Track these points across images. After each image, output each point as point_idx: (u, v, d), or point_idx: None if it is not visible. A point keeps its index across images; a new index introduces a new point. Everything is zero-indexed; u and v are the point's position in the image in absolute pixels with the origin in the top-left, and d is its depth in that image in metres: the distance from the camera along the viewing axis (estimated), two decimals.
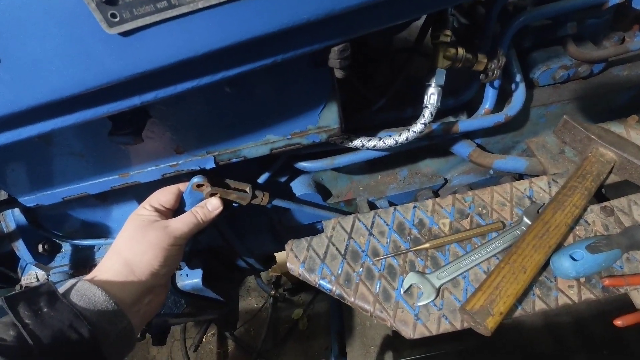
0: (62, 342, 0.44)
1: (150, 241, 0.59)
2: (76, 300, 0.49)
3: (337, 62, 0.45)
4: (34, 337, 0.43)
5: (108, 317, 0.51)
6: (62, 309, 0.46)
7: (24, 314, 0.44)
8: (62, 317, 0.46)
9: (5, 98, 0.37)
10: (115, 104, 0.42)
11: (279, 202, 0.75)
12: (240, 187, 0.69)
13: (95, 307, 0.50)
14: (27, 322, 0.44)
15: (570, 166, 0.79)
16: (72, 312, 0.46)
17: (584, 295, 0.64)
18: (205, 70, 0.40)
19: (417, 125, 0.65)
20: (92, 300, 0.50)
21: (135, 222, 0.62)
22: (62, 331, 0.44)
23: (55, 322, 0.45)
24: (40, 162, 0.62)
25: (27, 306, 0.45)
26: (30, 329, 0.43)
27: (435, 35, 0.64)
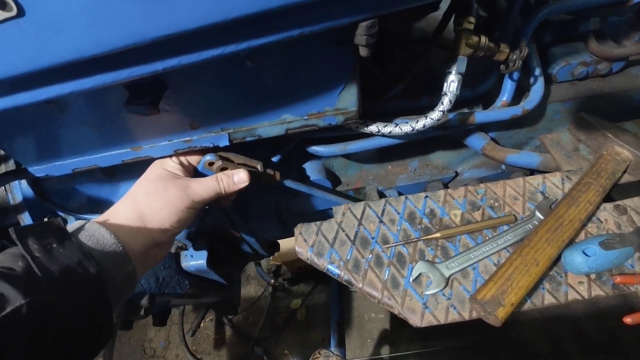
0: (70, 278, 0.44)
1: (169, 199, 0.58)
2: (84, 240, 0.49)
3: (363, 38, 0.44)
4: (42, 270, 0.42)
5: (115, 259, 0.50)
6: (70, 247, 0.46)
7: (33, 247, 0.44)
8: (71, 254, 0.45)
9: (27, 54, 0.36)
10: (137, 69, 0.41)
11: (290, 183, 0.75)
12: (251, 164, 0.68)
13: (103, 248, 0.50)
14: (37, 255, 0.43)
15: (584, 164, 0.79)
16: (80, 251, 0.46)
17: (593, 291, 0.63)
18: (231, 37, 0.39)
19: (435, 113, 0.64)
20: (100, 242, 0.50)
21: (159, 172, 0.61)
22: (71, 268, 0.44)
23: (63, 258, 0.44)
24: (53, 131, 0.62)
25: (37, 240, 0.45)
26: (40, 262, 0.43)
27: (459, 21, 0.63)
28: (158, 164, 0.64)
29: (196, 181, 0.62)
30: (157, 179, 0.61)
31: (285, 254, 1.80)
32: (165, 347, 2.05)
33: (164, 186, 0.60)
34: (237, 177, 0.65)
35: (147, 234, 0.57)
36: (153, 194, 0.59)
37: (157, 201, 0.58)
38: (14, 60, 0.37)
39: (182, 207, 0.59)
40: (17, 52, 0.37)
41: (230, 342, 2.02)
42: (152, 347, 2.05)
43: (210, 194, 0.62)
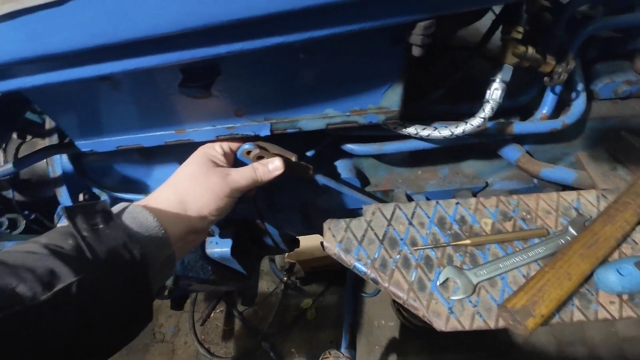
0: (116, 260, 0.44)
1: (210, 187, 0.59)
2: (128, 222, 0.50)
3: (419, 38, 0.45)
4: (91, 250, 0.43)
5: (157, 243, 0.51)
6: (116, 228, 0.46)
7: (81, 227, 0.44)
8: (117, 235, 0.46)
9: (103, 27, 0.38)
10: (202, 50, 0.42)
11: (321, 178, 0.76)
12: (286, 155, 0.69)
13: (146, 231, 0.50)
14: (85, 234, 0.44)
15: (621, 184, 0.77)
16: (125, 233, 0.47)
17: (625, 312, 0.62)
18: (295, 27, 0.41)
19: (476, 119, 0.64)
20: (143, 225, 0.50)
21: (201, 160, 0.62)
22: (117, 249, 0.45)
23: (110, 239, 0.45)
24: (104, 108, 0.64)
25: (85, 219, 0.45)
26: (88, 242, 0.43)
27: (507, 30, 0.63)
28: (202, 151, 0.65)
29: (234, 170, 0.64)
30: (199, 166, 0.62)
31: (300, 253, 1.81)
32: (175, 334, 2.07)
33: (205, 173, 0.61)
34: (272, 165, 0.67)
35: (186, 220, 0.57)
36: (194, 181, 0.60)
37: (199, 188, 0.59)
38: (91, 32, 0.39)
39: (222, 194, 0.60)
40: (95, 25, 0.39)
41: (239, 334, 2.04)
42: (162, 332, 2.08)
43: (248, 182, 0.63)
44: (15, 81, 0.47)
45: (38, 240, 0.44)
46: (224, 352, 1.98)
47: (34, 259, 0.41)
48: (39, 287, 0.38)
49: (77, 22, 0.39)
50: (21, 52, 0.41)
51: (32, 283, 0.38)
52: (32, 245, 0.43)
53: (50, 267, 0.40)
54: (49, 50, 0.40)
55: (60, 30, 0.39)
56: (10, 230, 1.06)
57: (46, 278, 0.39)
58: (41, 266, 0.40)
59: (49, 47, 0.40)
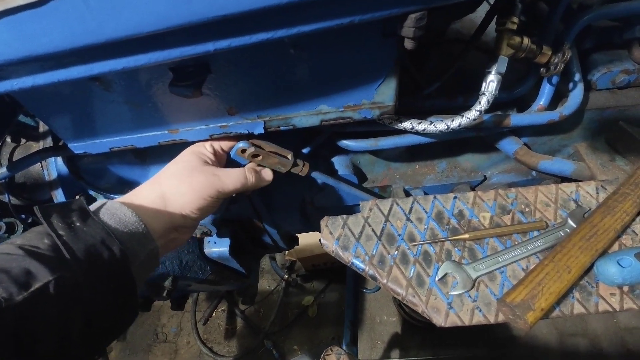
0: (95, 257, 0.43)
1: (193, 185, 0.58)
2: (107, 218, 0.49)
3: (411, 30, 0.44)
4: (68, 248, 0.42)
5: (137, 238, 0.50)
6: (94, 225, 0.46)
7: (57, 225, 0.43)
8: (95, 232, 0.45)
9: (87, 27, 0.38)
10: (189, 48, 0.42)
11: (317, 175, 0.75)
12: (282, 153, 0.69)
13: (126, 227, 0.49)
14: (61, 233, 0.43)
15: (620, 174, 0.77)
16: (103, 229, 0.46)
17: (625, 304, 0.62)
18: (283, 22, 0.40)
19: (471, 112, 0.64)
20: (122, 220, 0.49)
21: (188, 158, 0.61)
22: (95, 246, 0.44)
23: (87, 236, 0.44)
24: (95, 109, 0.63)
25: (61, 218, 0.44)
26: (64, 240, 0.42)
27: (502, 21, 0.62)
28: (191, 149, 0.64)
29: (224, 171, 0.62)
30: (185, 164, 0.61)
31: (301, 250, 1.80)
32: (177, 333, 2.08)
33: (189, 171, 0.60)
34: (265, 174, 0.67)
35: (167, 217, 0.57)
36: (178, 178, 0.59)
37: (181, 185, 0.58)
38: (75, 32, 0.39)
39: (205, 195, 0.59)
40: (80, 25, 0.38)
41: (241, 333, 2.04)
42: (164, 332, 2.08)
43: (236, 187, 0.62)
44: (2, 84, 0.46)
45: (13, 241, 0.43)
46: (226, 351, 1.98)
47: (8, 259, 0.40)
48: (14, 287, 0.38)
49: (61, 22, 0.38)
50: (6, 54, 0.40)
51: (7, 284, 0.38)
52: (6, 247, 0.42)
53: (25, 268, 0.39)
54: (34, 51, 0.40)
55: (44, 31, 0.39)
56: (9, 235, 1.05)
57: (22, 278, 0.39)
58: (16, 267, 0.39)
59: (34, 49, 0.39)
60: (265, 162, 0.68)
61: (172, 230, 0.58)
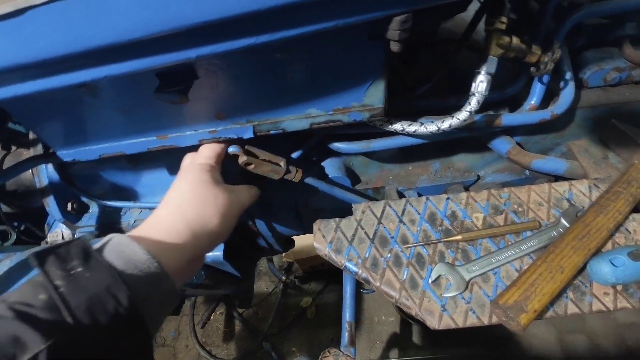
0: (98, 311, 0.38)
1: (219, 205, 0.54)
2: (113, 258, 0.42)
3: (396, 33, 0.44)
4: (65, 303, 0.36)
5: (150, 279, 0.44)
6: (97, 269, 0.40)
7: (55, 275, 0.38)
8: (98, 278, 0.39)
9: (73, 35, 0.37)
10: (172, 55, 0.41)
11: (311, 181, 0.74)
12: (274, 160, 0.68)
13: (135, 267, 0.43)
14: (59, 284, 0.37)
15: (613, 172, 0.76)
16: (109, 273, 0.40)
17: (619, 303, 0.61)
18: (266, 27, 0.40)
19: (462, 113, 0.63)
20: (131, 260, 0.43)
21: (201, 173, 0.56)
22: (99, 297, 0.38)
23: (90, 284, 0.38)
24: (83, 116, 0.63)
25: (59, 264, 0.39)
26: (62, 292, 0.37)
27: (491, 21, 0.62)
28: (197, 165, 0.59)
29: (239, 188, 0.61)
30: (201, 183, 0.55)
31: (298, 252, 1.80)
32: (175, 337, 2.07)
33: (210, 190, 0.55)
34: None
35: (193, 247, 0.51)
36: (200, 199, 0.53)
37: (207, 208, 0.53)
38: (59, 40, 0.38)
39: (230, 212, 0.55)
40: (64, 32, 0.37)
41: (239, 336, 2.03)
42: (162, 337, 2.07)
43: (251, 201, 0.62)
44: None
45: (5, 298, 0.37)
46: (225, 354, 1.98)
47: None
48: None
49: (39, 32, 0.37)
50: None
51: None
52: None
53: (14, 334, 0.34)
54: (12, 62, 0.39)
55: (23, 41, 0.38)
56: (2, 242, 1.05)
57: (9, 349, 0.33)
58: (3, 335, 0.34)
59: (12, 59, 0.39)
60: (258, 170, 0.67)
61: (195, 260, 0.53)
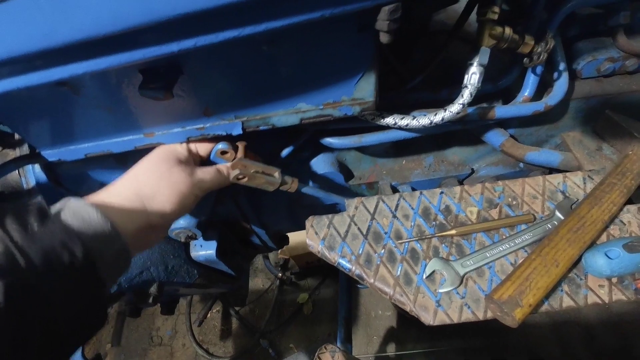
0: (54, 262, 0.40)
1: (173, 182, 0.56)
2: (68, 218, 0.45)
3: (385, 23, 0.43)
4: (23, 254, 0.39)
5: (103, 238, 0.47)
6: (53, 227, 0.42)
7: (11, 228, 0.40)
8: (53, 234, 0.42)
9: (41, 30, 0.36)
10: (153, 49, 0.40)
11: (307, 190, 0.72)
12: (268, 172, 0.65)
13: (89, 226, 0.45)
14: (14, 235, 0.40)
15: (607, 164, 0.76)
16: (64, 230, 0.43)
17: (615, 295, 0.61)
18: (249, 18, 0.38)
19: (454, 106, 0.62)
20: (86, 220, 0.46)
21: (164, 154, 0.59)
22: (54, 249, 0.41)
23: (46, 239, 0.41)
24: (67, 115, 0.61)
25: (16, 220, 0.41)
26: (19, 245, 0.39)
27: (482, 11, 0.60)
28: (165, 147, 0.62)
29: (200, 169, 0.61)
30: (161, 161, 0.58)
31: (293, 248, 1.79)
32: (172, 336, 2.06)
33: (168, 168, 0.57)
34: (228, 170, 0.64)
35: (143, 215, 0.54)
36: (156, 175, 0.57)
37: (161, 183, 0.56)
38: (29, 36, 0.36)
39: (186, 192, 0.57)
40: (33, 28, 0.36)
41: (236, 333, 2.03)
42: (159, 336, 2.06)
43: (213, 183, 0.61)
44: None
45: None
46: (222, 352, 1.97)
47: None
48: None
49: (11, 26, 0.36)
50: None
51: None
52: None
53: None
54: None
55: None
56: None
57: None
58: None
59: None
60: (252, 183, 0.65)
61: (147, 228, 0.55)
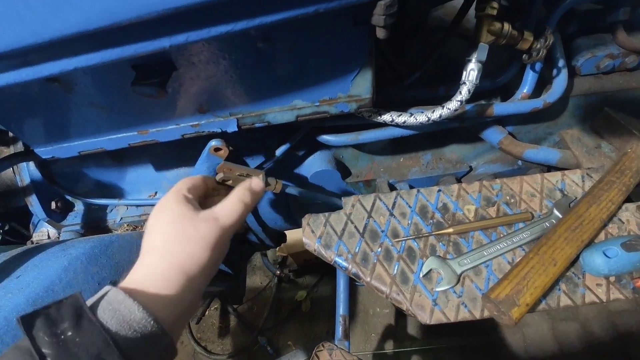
0: None
1: (207, 240, 0.49)
2: (107, 317, 0.39)
3: (381, 18, 0.42)
4: None
5: (146, 340, 0.40)
6: (89, 332, 0.37)
7: (42, 341, 0.35)
8: (89, 343, 0.36)
9: (30, 27, 0.35)
10: (144, 45, 0.39)
11: (292, 190, 0.71)
12: (252, 174, 0.63)
13: (130, 327, 0.39)
14: (46, 352, 0.35)
15: (606, 162, 0.75)
16: (100, 337, 0.37)
17: (612, 294, 0.60)
18: (242, 13, 0.37)
19: (452, 103, 0.62)
20: (127, 319, 0.40)
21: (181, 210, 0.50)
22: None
23: (80, 351, 0.35)
24: (59, 112, 0.60)
25: (47, 328, 0.36)
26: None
27: (481, 7, 0.60)
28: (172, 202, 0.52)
29: (220, 208, 0.52)
30: (182, 221, 0.50)
31: (291, 246, 1.78)
32: None
33: (193, 226, 0.49)
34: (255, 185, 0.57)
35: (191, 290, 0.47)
36: (187, 239, 0.48)
37: (196, 246, 0.48)
38: (17, 32, 0.36)
39: (220, 242, 0.50)
40: (21, 24, 0.35)
41: (235, 331, 2.02)
42: None
43: (239, 216, 0.53)
44: None
45: None
46: (220, 350, 1.97)
47: None
48: None
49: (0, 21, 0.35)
50: None
51: None
52: None
53: None
54: None
55: None
56: None
57: None
58: None
59: None
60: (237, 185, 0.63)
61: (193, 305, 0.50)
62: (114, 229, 0.94)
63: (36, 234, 0.99)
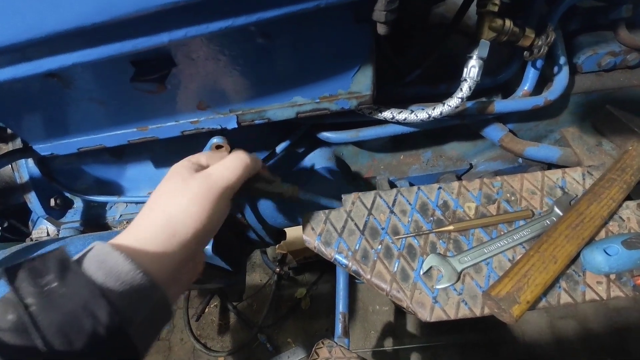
0: (73, 332, 0.34)
1: (195, 192, 0.47)
2: (93, 270, 0.37)
3: (382, 14, 0.42)
4: (36, 325, 0.32)
5: (135, 291, 0.39)
6: (75, 284, 0.36)
7: (26, 291, 0.34)
8: (75, 294, 0.35)
9: (28, 21, 0.34)
10: (142, 40, 0.38)
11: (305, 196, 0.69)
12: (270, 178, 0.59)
13: (118, 279, 0.38)
14: (29, 302, 0.34)
15: (607, 159, 0.75)
16: (87, 287, 0.36)
17: (613, 292, 0.60)
18: (242, 8, 0.37)
19: (453, 100, 0.61)
20: (114, 271, 0.38)
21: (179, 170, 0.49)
22: (74, 315, 0.34)
23: (66, 301, 0.34)
24: (58, 108, 0.60)
25: (32, 279, 0.35)
26: (34, 312, 0.33)
27: (482, 3, 0.59)
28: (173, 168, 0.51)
29: (217, 165, 0.50)
30: (176, 177, 0.49)
31: (291, 243, 1.78)
32: (170, 331, 2.06)
33: (183, 180, 0.48)
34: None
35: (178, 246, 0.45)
36: (175, 193, 0.47)
37: (184, 198, 0.47)
38: (15, 26, 0.35)
39: (211, 197, 0.47)
40: (19, 19, 0.35)
41: (234, 328, 2.03)
42: None
43: (237, 174, 0.49)
44: None
45: None
46: (220, 347, 1.97)
47: None
48: None
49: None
50: None
51: None
52: None
53: None
54: None
55: None
56: None
57: None
58: None
59: None
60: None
61: (187, 259, 0.47)
62: (113, 226, 0.94)
63: (35, 231, 0.99)
